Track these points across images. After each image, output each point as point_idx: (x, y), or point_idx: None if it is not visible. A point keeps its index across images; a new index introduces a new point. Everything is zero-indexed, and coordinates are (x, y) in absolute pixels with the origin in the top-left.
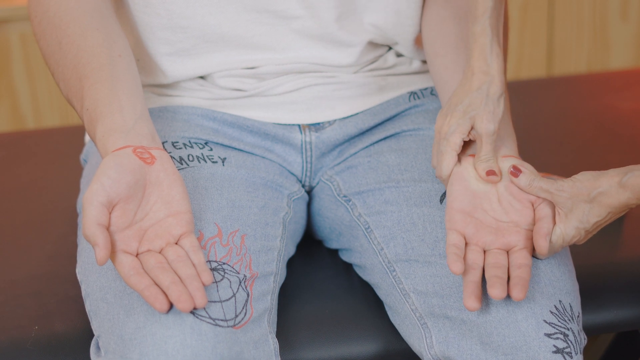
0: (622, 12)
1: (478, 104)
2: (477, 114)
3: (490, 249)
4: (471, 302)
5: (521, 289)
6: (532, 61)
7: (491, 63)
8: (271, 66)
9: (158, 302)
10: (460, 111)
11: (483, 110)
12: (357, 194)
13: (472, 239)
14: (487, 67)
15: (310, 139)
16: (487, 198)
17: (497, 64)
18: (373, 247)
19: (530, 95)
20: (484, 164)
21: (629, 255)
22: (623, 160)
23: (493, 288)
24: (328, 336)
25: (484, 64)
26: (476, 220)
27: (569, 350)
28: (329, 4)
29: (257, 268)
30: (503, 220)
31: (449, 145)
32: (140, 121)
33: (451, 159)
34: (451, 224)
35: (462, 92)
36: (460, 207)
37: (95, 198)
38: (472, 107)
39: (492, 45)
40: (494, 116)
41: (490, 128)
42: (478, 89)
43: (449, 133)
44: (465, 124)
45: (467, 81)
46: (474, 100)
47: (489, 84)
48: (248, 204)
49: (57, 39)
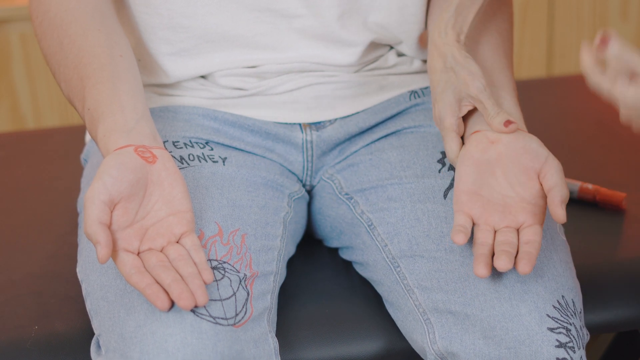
0: (622, 12)
1: (453, 77)
2: (456, 86)
3: (500, 228)
4: (480, 268)
5: (527, 262)
6: (532, 61)
7: (445, 35)
8: (272, 65)
9: (159, 300)
10: (439, 92)
11: (461, 76)
12: (359, 192)
13: (480, 219)
14: (441, 42)
15: (311, 138)
16: (492, 173)
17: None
18: (376, 244)
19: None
20: (497, 119)
21: (629, 255)
22: (623, 160)
23: (499, 260)
24: (328, 336)
25: (439, 40)
26: (483, 199)
27: (571, 345)
28: (331, 2)
29: (257, 267)
30: (509, 194)
31: (446, 128)
32: (142, 121)
33: (452, 141)
34: (458, 206)
35: (432, 75)
36: (465, 187)
37: (97, 196)
38: (448, 83)
39: (449, 20)
40: (474, 75)
41: (478, 85)
42: (444, 65)
43: (442, 118)
44: (451, 102)
45: (430, 64)
46: (445, 77)
47: (450, 54)
48: (249, 203)
49: (58, 39)
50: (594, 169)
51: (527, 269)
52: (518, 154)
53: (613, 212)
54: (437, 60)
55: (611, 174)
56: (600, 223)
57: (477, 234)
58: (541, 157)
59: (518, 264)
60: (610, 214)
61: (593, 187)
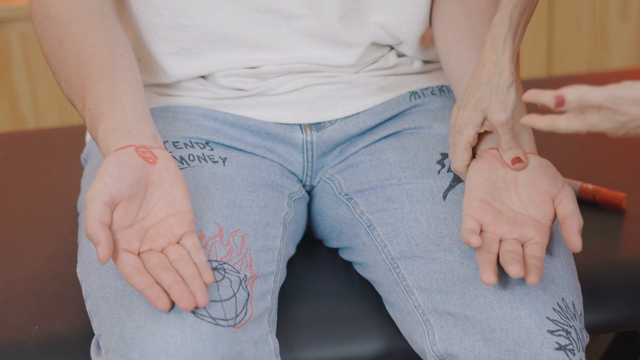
0: (622, 12)
1: (488, 96)
2: (488, 106)
3: (506, 239)
4: (487, 276)
5: (536, 274)
6: (532, 61)
7: (502, 54)
8: (272, 66)
9: (160, 301)
10: (472, 104)
11: (493, 101)
12: (359, 192)
13: (488, 227)
14: (497, 58)
15: (312, 139)
16: (506, 190)
17: (509, 55)
18: (376, 245)
19: None
20: (508, 153)
21: (629, 255)
22: (623, 160)
23: (511, 266)
24: (328, 336)
25: (494, 54)
26: (494, 210)
27: (571, 348)
28: (333, 3)
29: (257, 268)
30: (521, 212)
31: (462, 138)
32: (143, 121)
33: (464, 151)
34: (468, 210)
35: (473, 85)
36: (479, 195)
37: (98, 196)
38: (483, 99)
39: (507, 36)
40: (504, 106)
41: (502, 118)
42: (488, 81)
43: (462, 126)
44: (477, 117)
45: (477, 73)
46: (484, 93)
47: (499, 74)
48: (249, 203)
49: (59, 39)
50: (594, 169)
51: (536, 280)
52: (535, 177)
53: (613, 212)
54: (485, 74)
55: (611, 174)
56: (600, 223)
57: (483, 239)
58: (558, 183)
59: (528, 274)
60: (610, 214)
61: (593, 187)
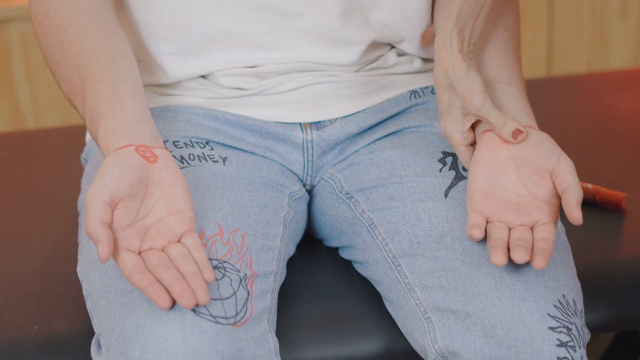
0: (622, 12)
1: (453, 93)
2: (460, 100)
3: (515, 226)
4: (497, 256)
5: (542, 257)
6: (532, 61)
7: (450, 46)
8: (272, 65)
9: (161, 299)
10: (445, 108)
11: (460, 93)
12: (360, 191)
13: (494, 217)
14: (447, 52)
15: (312, 138)
16: (505, 173)
17: (457, 47)
18: (377, 243)
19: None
20: (504, 130)
21: (629, 255)
22: (623, 160)
23: (516, 252)
24: (328, 335)
25: (444, 49)
26: (497, 198)
27: (572, 344)
28: (333, 1)
29: (257, 267)
30: (523, 194)
31: (454, 145)
32: (143, 121)
33: (463, 153)
34: (472, 205)
35: (437, 90)
36: (478, 187)
37: (98, 196)
38: (452, 98)
39: (453, 30)
40: (472, 92)
41: (476, 103)
42: (447, 80)
43: (449, 136)
44: (457, 119)
45: (436, 78)
46: (450, 92)
47: (452, 68)
48: (249, 203)
49: (58, 40)
50: (594, 169)
51: (542, 264)
52: (530, 153)
53: (613, 212)
54: (440, 75)
55: (611, 174)
56: (600, 223)
57: (491, 230)
58: (553, 156)
59: (534, 259)
60: (610, 213)
61: (593, 187)
